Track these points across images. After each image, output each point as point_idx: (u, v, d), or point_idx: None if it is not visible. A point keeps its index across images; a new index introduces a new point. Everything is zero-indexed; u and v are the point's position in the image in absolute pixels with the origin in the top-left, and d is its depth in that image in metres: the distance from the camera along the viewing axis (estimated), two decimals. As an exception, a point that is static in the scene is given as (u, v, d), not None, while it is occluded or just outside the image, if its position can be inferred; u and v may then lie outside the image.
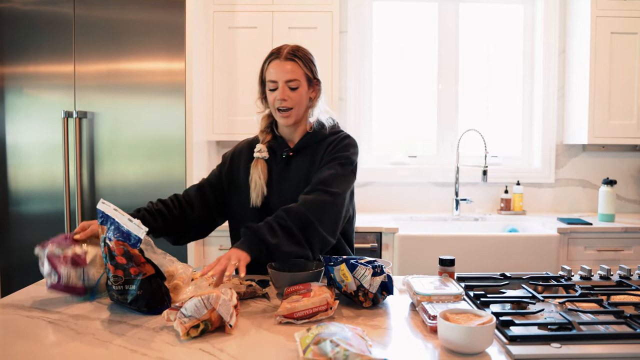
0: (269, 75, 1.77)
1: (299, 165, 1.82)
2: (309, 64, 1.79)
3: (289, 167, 1.83)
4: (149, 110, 2.95)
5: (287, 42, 3.16)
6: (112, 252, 1.42)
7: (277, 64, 1.75)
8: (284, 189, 1.82)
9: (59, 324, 1.36)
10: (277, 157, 1.85)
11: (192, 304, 1.28)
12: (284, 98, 1.74)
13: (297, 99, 1.76)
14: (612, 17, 3.27)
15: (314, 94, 1.83)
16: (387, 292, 1.50)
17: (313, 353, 1.06)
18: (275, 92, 1.75)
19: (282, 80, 1.74)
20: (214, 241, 3.11)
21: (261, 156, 1.83)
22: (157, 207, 1.82)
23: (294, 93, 1.75)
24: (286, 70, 1.74)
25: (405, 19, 3.79)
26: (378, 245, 3.03)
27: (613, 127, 3.33)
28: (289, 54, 1.75)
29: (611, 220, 3.25)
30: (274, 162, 1.85)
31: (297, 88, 1.75)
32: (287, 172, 1.83)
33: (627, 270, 1.77)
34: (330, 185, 1.66)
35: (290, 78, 1.74)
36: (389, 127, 3.83)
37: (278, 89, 1.75)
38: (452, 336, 1.16)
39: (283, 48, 1.77)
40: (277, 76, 1.74)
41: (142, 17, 2.93)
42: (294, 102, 1.75)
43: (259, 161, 1.83)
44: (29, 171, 3.01)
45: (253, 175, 1.82)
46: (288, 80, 1.74)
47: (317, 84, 1.83)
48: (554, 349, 1.17)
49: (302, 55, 1.78)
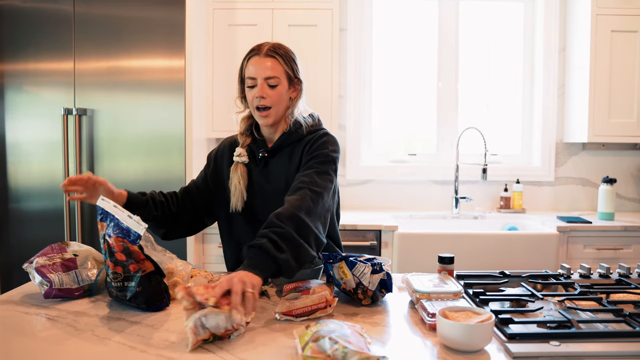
0: (247, 72, 1.71)
1: (277, 165, 1.77)
2: (290, 62, 1.73)
3: (267, 168, 1.79)
4: (148, 107, 2.95)
5: (287, 40, 3.21)
6: (112, 249, 1.42)
7: (257, 60, 1.69)
8: (265, 190, 1.78)
9: (58, 321, 1.36)
10: (257, 159, 1.80)
11: (216, 320, 1.18)
12: (262, 96, 1.68)
13: (276, 97, 1.70)
14: (613, 15, 3.27)
15: (294, 94, 1.77)
16: (386, 290, 1.50)
17: (312, 350, 1.06)
18: (254, 90, 1.70)
19: (261, 77, 1.68)
20: (213, 239, 3.11)
21: (240, 160, 1.78)
22: (160, 198, 1.82)
23: (273, 91, 1.69)
24: (266, 67, 1.68)
25: (405, 17, 3.78)
26: (377, 243, 3.03)
27: (613, 126, 3.33)
28: (269, 51, 1.70)
29: (611, 218, 3.25)
30: (253, 164, 1.80)
31: (276, 86, 1.69)
32: (267, 174, 1.79)
33: (626, 269, 1.77)
34: (312, 184, 1.60)
35: (270, 75, 1.68)
36: (389, 125, 3.83)
37: (257, 86, 1.69)
38: (451, 334, 1.16)
39: (264, 45, 1.72)
40: (256, 73, 1.69)
41: (142, 14, 2.92)
42: (273, 100, 1.70)
43: (238, 165, 1.79)
44: (29, 168, 3.01)
45: (233, 180, 1.79)
46: (267, 78, 1.68)
47: (298, 83, 1.77)
48: (553, 347, 1.17)
49: (283, 53, 1.72)
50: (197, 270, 1.70)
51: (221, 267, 3.09)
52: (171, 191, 1.90)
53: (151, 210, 1.76)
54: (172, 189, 1.92)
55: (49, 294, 1.50)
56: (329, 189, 1.66)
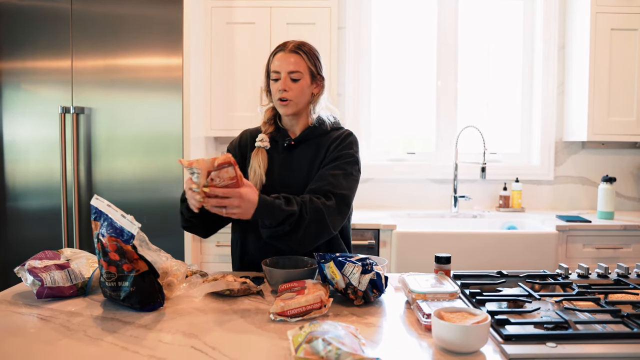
0: (273, 66, 1.81)
1: (301, 156, 1.84)
2: (314, 59, 1.82)
3: (290, 157, 1.85)
4: (146, 106, 2.94)
5: (286, 38, 3.17)
6: (105, 248, 1.41)
7: (282, 56, 1.79)
8: (285, 178, 1.83)
9: (51, 321, 1.34)
10: (279, 147, 1.87)
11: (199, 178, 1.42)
12: (284, 88, 1.77)
13: (297, 90, 1.79)
14: (612, 14, 3.25)
15: (317, 90, 1.85)
16: (377, 290, 1.49)
17: (305, 352, 1.05)
18: (277, 83, 1.79)
19: (284, 71, 1.78)
20: (211, 237, 3.08)
21: (262, 145, 1.85)
22: None
23: (295, 84, 1.78)
24: (289, 62, 1.78)
25: (404, 15, 3.77)
26: (376, 242, 3.02)
27: (613, 124, 3.31)
28: (294, 47, 1.80)
29: (610, 217, 3.24)
30: (275, 152, 1.87)
31: (298, 80, 1.78)
32: (290, 162, 1.84)
33: (625, 269, 1.76)
34: (339, 187, 1.71)
35: (293, 69, 1.77)
36: (388, 123, 3.81)
37: (280, 79, 1.78)
38: (446, 335, 1.15)
39: (289, 42, 1.82)
40: (280, 67, 1.78)
41: (139, 12, 2.91)
42: (294, 93, 1.78)
43: (259, 150, 1.85)
44: (26, 167, 3.00)
45: (253, 164, 1.84)
46: (290, 72, 1.77)
47: (321, 80, 1.86)
48: (550, 348, 1.16)
49: (307, 50, 1.82)
50: (192, 269, 1.69)
51: (219, 266, 3.09)
52: None
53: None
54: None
55: (41, 293, 1.49)
56: (354, 189, 1.79)
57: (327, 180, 1.72)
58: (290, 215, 1.59)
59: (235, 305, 1.49)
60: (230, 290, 1.55)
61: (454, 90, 3.76)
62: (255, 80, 3.30)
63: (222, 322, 1.36)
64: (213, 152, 3.60)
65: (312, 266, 1.65)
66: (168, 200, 2.94)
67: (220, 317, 1.40)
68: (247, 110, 3.32)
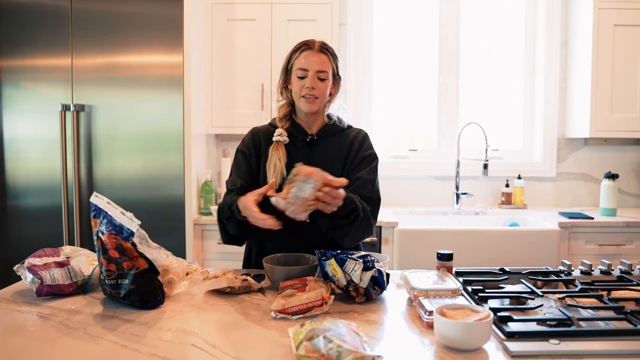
0: (299, 63, 1.80)
1: (323, 151, 1.87)
2: (336, 60, 1.86)
3: (311, 152, 1.86)
4: (147, 103, 2.93)
5: (287, 35, 3.19)
6: (105, 246, 1.41)
7: (310, 54, 1.80)
8: None
9: (51, 319, 1.34)
10: (298, 143, 1.87)
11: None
12: (313, 86, 1.78)
13: (324, 89, 1.81)
14: (615, 9, 3.23)
15: (334, 90, 1.89)
16: (379, 287, 1.48)
17: (306, 349, 1.04)
18: (304, 80, 1.80)
19: (313, 70, 1.78)
20: (212, 235, 3.10)
21: (282, 140, 1.84)
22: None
23: (322, 84, 1.81)
24: (319, 61, 1.79)
25: (405, 11, 3.75)
26: (378, 239, 3.01)
27: (615, 121, 3.30)
28: (321, 47, 1.82)
29: (613, 214, 3.22)
30: (293, 146, 1.86)
31: (325, 79, 1.81)
32: (311, 157, 1.82)
33: (628, 265, 1.75)
34: (375, 192, 1.87)
35: (322, 69, 1.79)
36: (390, 120, 3.80)
37: (308, 77, 1.79)
38: (449, 332, 1.14)
39: (314, 41, 1.83)
40: (309, 65, 1.79)
41: (140, 9, 2.90)
42: (320, 92, 1.81)
43: (279, 144, 1.84)
44: (27, 165, 2.99)
45: (272, 158, 1.82)
46: (319, 71, 1.79)
47: (339, 80, 1.89)
48: (553, 345, 1.15)
49: (332, 51, 1.85)
50: (192, 267, 1.68)
51: (221, 264, 3.08)
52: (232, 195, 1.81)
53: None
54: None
55: (41, 291, 1.48)
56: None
57: (367, 187, 1.83)
58: (355, 209, 1.65)
59: (236, 302, 1.48)
60: (231, 287, 1.54)
61: (455, 87, 3.74)
62: (256, 78, 3.29)
63: (223, 319, 1.35)
64: (214, 149, 3.60)
65: (314, 263, 1.65)
66: (169, 198, 2.93)
67: (221, 314, 1.39)
68: (248, 107, 3.31)
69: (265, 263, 1.62)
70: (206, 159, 3.40)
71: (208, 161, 3.46)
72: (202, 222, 3.08)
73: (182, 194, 2.93)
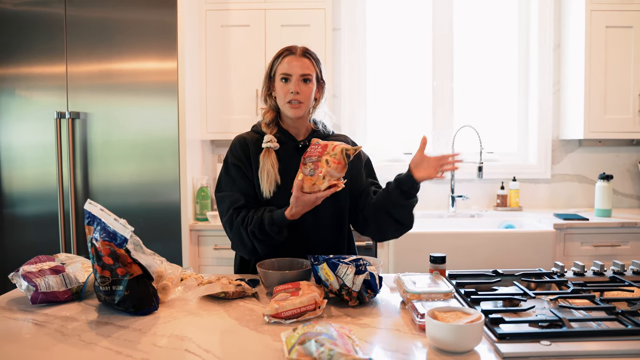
0: (282, 69, 1.80)
1: None
2: (319, 65, 1.85)
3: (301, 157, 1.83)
4: (142, 110, 2.94)
5: (280, 40, 3.20)
6: (99, 253, 1.41)
7: (293, 59, 1.79)
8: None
9: (45, 326, 1.34)
10: (288, 149, 1.85)
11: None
12: (297, 91, 1.77)
13: (308, 93, 1.80)
14: (607, 11, 3.26)
15: (318, 95, 1.88)
16: (372, 291, 1.48)
17: (298, 353, 1.05)
18: (288, 85, 1.78)
19: (297, 74, 1.78)
20: (209, 241, 3.10)
21: (272, 146, 1.82)
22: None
23: (307, 87, 1.79)
24: (302, 65, 1.79)
25: (399, 16, 3.77)
26: (373, 243, 3.02)
27: (609, 122, 3.32)
28: (304, 52, 1.82)
29: (608, 215, 3.24)
30: (284, 153, 1.84)
31: (309, 83, 1.80)
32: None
33: (620, 266, 1.76)
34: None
35: (306, 73, 1.79)
36: (384, 124, 3.81)
37: (291, 82, 1.78)
38: (440, 334, 1.15)
39: (296, 47, 1.83)
40: (292, 70, 1.78)
41: (133, 16, 2.91)
42: (305, 96, 1.79)
43: (269, 151, 1.82)
44: (22, 173, 2.99)
45: (265, 165, 1.80)
46: (303, 75, 1.78)
47: (323, 85, 1.88)
48: (544, 346, 1.15)
49: (315, 56, 1.85)
50: (187, 273, 1.69)
51: (217, 269, 3.09)
52: (251, 210, 1.81)
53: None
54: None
55: (35, 298, 1.48)
56: None
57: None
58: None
59: (230, 308, 1.49)
60: (225, 293, 1.55)
61: (449, 90, 3.76)
62: (251, 83, 3.30)
63: (217, 325, 1.36)
64: (209, 155, 3.60)
65: (307, 268, 1.65)
66: (165, 204, 2.94)
67: (214, 320, 1.39)
68: (243, 112, 3.32)
69: (259, 268, 1.62)
70: (201, 164, 3.41)
71: (203, 167, 3.46)
72: (198, 227, 3.09)
73: (178, 199, 2.94)
